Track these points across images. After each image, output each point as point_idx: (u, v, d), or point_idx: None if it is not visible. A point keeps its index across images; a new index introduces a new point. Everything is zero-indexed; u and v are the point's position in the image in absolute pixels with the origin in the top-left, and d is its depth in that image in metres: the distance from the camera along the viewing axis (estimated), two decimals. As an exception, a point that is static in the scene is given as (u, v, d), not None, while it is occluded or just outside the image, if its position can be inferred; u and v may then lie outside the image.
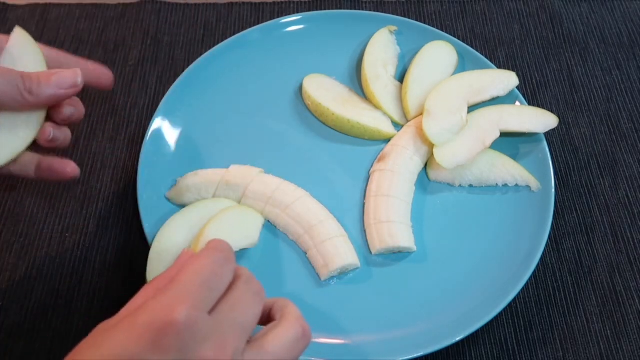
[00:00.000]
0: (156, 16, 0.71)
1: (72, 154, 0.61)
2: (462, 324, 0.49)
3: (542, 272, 0.55)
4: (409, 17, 0.70)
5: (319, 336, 0.49)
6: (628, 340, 0.52)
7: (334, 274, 0.52)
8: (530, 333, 0.52)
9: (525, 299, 0.54)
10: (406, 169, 0.56)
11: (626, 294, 0.54)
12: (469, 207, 0.56)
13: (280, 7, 0.72)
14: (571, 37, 0.71)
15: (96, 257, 0.55)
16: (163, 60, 0.68)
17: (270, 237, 0.54)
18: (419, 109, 0.60)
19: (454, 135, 0.56)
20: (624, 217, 0.58)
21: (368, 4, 0.73)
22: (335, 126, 0.60)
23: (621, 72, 0.68)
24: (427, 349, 0.48)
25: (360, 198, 0.57)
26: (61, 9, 0.72)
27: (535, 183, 0.56)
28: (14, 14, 0.71)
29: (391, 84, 0.62)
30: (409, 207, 0.55)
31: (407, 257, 0.54)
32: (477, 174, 0.57)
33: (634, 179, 0.61)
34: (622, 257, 0.56)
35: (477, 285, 0.52)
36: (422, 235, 0.55)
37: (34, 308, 0.52)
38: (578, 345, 0.51)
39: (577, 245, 0.57)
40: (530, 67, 0.68)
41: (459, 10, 0.73)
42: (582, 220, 0.58)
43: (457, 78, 0.60)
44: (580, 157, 0.62)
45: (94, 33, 0.70)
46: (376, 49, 0.63)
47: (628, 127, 0.64)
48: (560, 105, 0.66)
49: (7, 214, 0.57)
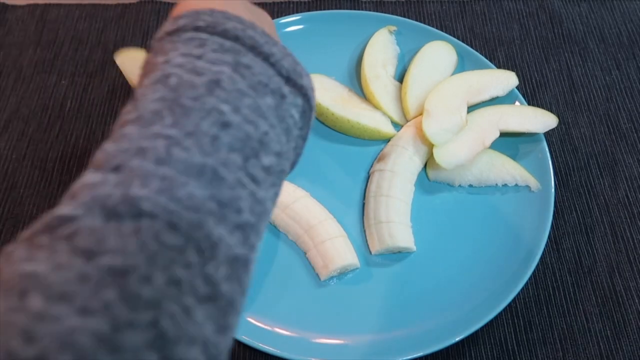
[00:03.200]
0: (155, 16, 0.71)
1: (72, 153, 0.61)
2: (462, 324, 0.49)
3: (541, 272, 0.55)
4: (408, 17, 0.70)
5: (319, 336, 0.49)
6: (628, 340, 0.52)
7: (334, 274, 0.52)
8: (530, 333, 0.52)
9: (525, 299, 0.54)
10: (406, 169, 0.56)
11: (626, 294, 0.54)
12: (469, 207, 0.56)
13: (280, 7, 0.72)
14: (571, 37, 0.71)
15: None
16: (163, 61, 0.68)
17: (270, 237, 0.54)
18: (419, 109, 0.60)
19: (453, 136, 0.57)
20: (624, 217, 0.58)
21: (368, 4, 0.73)
22: (335, 126, 0.60)
23: (621, 72, 0.68)
24: (427, 349, 0.48)
25: (360, 198, 0.57)
26: (60, 9, 0.72)
27: (534, 183, 0.56)
28: (13, 14, 0.71)
29: (391, 84, 0.62)
30: (408, 207, 0.55)
31: (406, 257, 0.54)
32: (477, 174, 0.57)
33: (634, 179, 0.61)
34: (621, 257, 0.56)
35: (477, 285, 0.52)
36: (422, 236, 0.55)
37: (34, 308, 0.52)
38: (578, 345, 0.52)
39: (577, 245, 0.57)
40: (529, 67, 0.68)
41: (459, 10, 0.73)
42: (581, 220, 0.58)
43: (457, 78, 0.60)
44: (580, 157, 0.62)
45: (94, 33, 0.70)
46: (376, 49, 0.63)
47: (627, 126, 0.64)
48: (560, 105, 0.66)
49: (7, 214, 0.57)
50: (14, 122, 0.63)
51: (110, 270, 0.25)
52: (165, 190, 0.28)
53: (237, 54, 0.34)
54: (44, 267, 0.25)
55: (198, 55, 0.33)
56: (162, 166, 0.29)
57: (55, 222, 0.26)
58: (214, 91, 0.32)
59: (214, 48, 0.34)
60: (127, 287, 0.25)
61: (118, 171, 0.28)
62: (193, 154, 0.30)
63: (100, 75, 0.67)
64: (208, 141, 0.30)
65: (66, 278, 0.24)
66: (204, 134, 0.30)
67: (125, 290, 0.25)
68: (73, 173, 0.60)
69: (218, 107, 0.32)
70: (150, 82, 0.33)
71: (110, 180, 0.28)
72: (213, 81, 0.32)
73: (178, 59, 0.33)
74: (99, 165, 0.29)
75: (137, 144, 0.30)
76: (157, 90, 0.32)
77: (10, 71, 0.67)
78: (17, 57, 0.68)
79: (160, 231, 0.27)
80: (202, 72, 0.33)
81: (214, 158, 0.30)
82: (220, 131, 0.31)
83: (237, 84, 0.33)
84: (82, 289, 0.24)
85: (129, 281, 0.25)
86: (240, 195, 0.30)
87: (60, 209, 0.27)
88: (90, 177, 0.29)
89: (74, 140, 0.62)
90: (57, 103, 0.65)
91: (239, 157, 0.31)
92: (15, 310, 0.23)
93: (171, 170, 0.29)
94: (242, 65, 0.34)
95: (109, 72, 0.67)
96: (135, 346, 0.24)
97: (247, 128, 0.32)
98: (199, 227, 0.28)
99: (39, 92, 0.65)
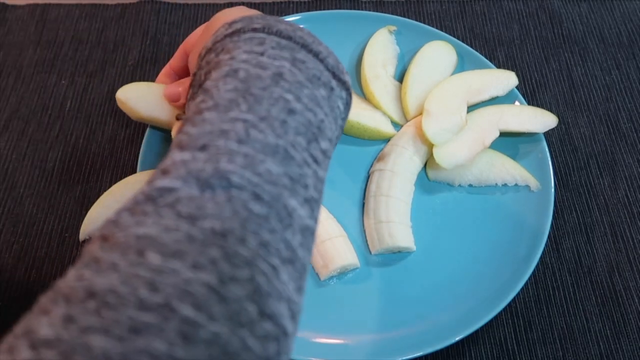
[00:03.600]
0: (155, 16, 0.71)
1: (72, 154, 0.61)
2: (462, 324, 0.49)
3: (541, 271, 0.55)
4: (408, 17, 0.70)
5: (319, 336, 0.49)
6: (628, 340, 0.52)
7: (334, 274, 0.52)
8: (529, 333, 0.52)
9: (525, 299, 0.54)
10: (406, 169, 0.56)
11: (625, 293, 0.54)
12: (469, 207, 0.56)
13: (280, 7, 0.72)
14: (570, 37, 0.71)
15: (96, 257, 0.55)
16: (162, 60, 0.68)
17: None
18: (419, 108, 0.60)
19: (453, 135, 0.57)
20: (624, 216, 0.58)
21: (367, 4, 0.73)
22: (335, 126, 0.60)
23: (620, 72, 0.68)
24: (427, 349, 0.48)
25: (360, 198, 0.57)
26: (60, 9, 0.72)
27: (534, 183, 0.56)
28: (13, 14, 0.71)
29: (390, 84, 0.62)
30: (408, 207, 0.55)
31: (406, 257, 0.54)
32: (477, 173, 0.57)
33: (634, 179, 0.61)
34: (621, 257, 0.56)
35: (477, 285, 0.52)
36: (422, 235, 0.55)
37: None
38: (578, 345, 0.52)
39: (577, 245, 0.57)
40: (529, 67, 0.68)
41: (459, 10, 0.73)
42: (581, 220, 0.58)
43: (457, 78, 0.60)
44: (580, 157, 0.62)
45: (94, 33, 0.70)
46: (375, 49, 0.63)
47: (627, 126, 0.64)
48: (560, 105, 0.66)
49: (7, 214, 0.57)
50: (14, 122, 0.63)
51: (212, 232, 0.29)
52: (248, 166, 0.32)
53: (293, 50, 0.39)
54: (155, 230, 0.28)
55: (260, 52, 0.38)
56: (243, 145, 0.33)
57: (156, 192, 0.30)
58: (278, 82, 0.37)
59: (273, 46, 0.39)
60: (227, 247, 0.29)
61: (205, 150, 0.33)
62: (267, 135, 0.34)
63: (100, 75, 0.67)
64: (278, 125, 0.35)
65: (176, 238, 0.28)
66: (274, 119, 0.35)
67: (226, 249, 0.28)
68: (73, 173, 0.60)
69: (283, 95, 0.36)
70: (220, 76, 0.37)
71: (199, 157, 0.32)
72: (276, 74, 0.37)
73: (242, 55, 0.38)
74: (184, 146, 0.33)
75: (219, 126, 0.34)
76: (228, 82, 0.37)
77: (10, 71, 0.67)
78: (17, 57, 0.68)
79: (247, 200, 0.31)
80: (266, 66, 0.37)
81: (284, 139, 0.34)
82: (287, 116, 0.35)
83: (296, 76, 0.38)
84: (190, 247, 0.28)
85: (229, 242, 0.29)
86: (307, 173, 0.35)
87: (158, 182, 0.31)
88: (178, 155, 0.33)
89: (74, 140, 0.62)
90: (57, 103, 0.65)
91: (303, 139, 0.35)
92: (137, 265, 0.27)
93: (251, 149, 0.33)
94: (298, 60, 0.38)
95: (109, 72, 0.67)
96: (238, 297, 0.27)
97: (308, 115, 0.36)
98: (278, 199, 0.32)
99: (39, 92, 0.65)
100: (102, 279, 0.26)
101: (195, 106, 0.37)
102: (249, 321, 0.27)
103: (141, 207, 0.30)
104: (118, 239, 0.28)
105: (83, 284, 0.26)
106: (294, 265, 0.32)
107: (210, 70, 0.39)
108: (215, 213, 0.30)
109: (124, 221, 0.29)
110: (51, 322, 0.25)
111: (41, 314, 0.25)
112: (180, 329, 0.25)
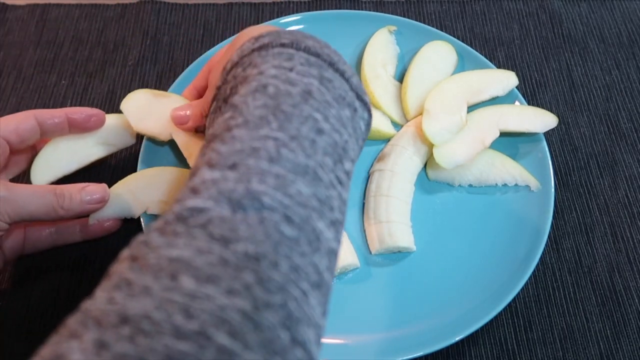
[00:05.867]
0: (155, 16, 0.71)
1: (71, 154, 0.61)
2: (462, 324, 0.49)
3: (541, 271, 0.55)
4: (408, 17, 0.70)
5: (319, 336, 0.49)
6: (628, 340, 0.52)
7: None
8: (530, 333, 0.52)
9: (525, 298, 0.54)
10: (406, 169, 0.56)
11: (625, 293, 0.54)
12: (469, 207, 0.56)
13: (280, 7, 0.72)
14: (571, 37, 0.71)
15: (96, 257, 0.55)
16: (162, 61, 0.68)
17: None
18: (419, 109, 0.60)
19: (453, 135, 0.57)
20: (624, 216, 0.58)
21: (367, 4, 0.73)
22: (335, 126, 0.60)
23: (620, 72, 0.68)
24: (427, 349, 0.48)
25: (360, 198, 0.57)
26: (60, 9, 0.72)
27: (534, 183, 0.56)
28: (13, 14, 0.71)
29: (390, 84, 0.62)
30: (408, 207, 0.55)
31: (406, 257, 0.54)
32: (477, 173, 0.57)
33: (634, 179, 0.61)
34: (621, 257, 0.56)
35: (477, 285, 0.52)
36: (422, 235, 0.55)
37: (34, 308, 0.52)
38: (578, 345, 0.52)
39: (577, 245, 0.57)
40: (529, 67, 0.68)
41: (459, 10, 0.73)
42: (581, 220, 0.58)
43: (457, 78, 0.60)
44: (580, 157, 0.62)
45: (94, 33, 0.70)
46: (375, 49, 0.63)
47: (627, 126, 0.64)
48: (560, 105, 0.66)
49: (6, 214, 0.57)
50: (14, 122, 0.63)
51: (245, 256, 0.28)
52: (279, 187, 0.31)
53: (320, 68, 0.38)
54: (188, 252, 0.28)
55: (289, 67, 0.37)
56: (274, 165, 0.32)
57: (187, 212, 0.30)
58: (307, 100, 0.36)
59: (302, 62, 0.38)
60: (261, 271, 0.28)
61: (235, 169, 0.32)
62: (298, 155, 0.33)
63: (100, 75, 0.67)
64: (308, 144, 0.34)
65: (209, 262, 0.27)
66: (304, 138, 0.34)
67: (260, 274, 0.28)
68: (73, 173, 0.60)
69: (312, 114, 0.35)
70: (249, 91, 0.37)
71: (230, 176, 0.31)
72: (306, 91, 0.36)
73: (271, 70, 0.37)
74: (214, 164, 0.33)
75: (250, 144, 0.33)
76: (257, 98, 0.36)
77: (10, 71, 0.67)
78: (17, 57, 0.68)
79: (279, 222, 0.30)
80: (295, 83, 0.36)
81: (314, 160, 0.34)
82: (316, 136, 0.35)
83: (324, 95, 0.37)
84: (224, 272, 0.27)
85: (262, 266, 0.28)
86: (332, 195, 0.34)
87: (189, 201, 0.30)
88: (208, 173, 0.32)
89: (74, 140, 0.62)
90: (57, 103, 0.65)
91: (330, 160, 0.35)
92: (171, 290, 0.26)
93: (281, 169, 0.32)
94: (326, 79, 0.38)
95: (109, 72, 0.67)
96: (272, 324, 0.27)
97: (334, 136, 0.36)
98: (307, 221, 0.31)
99: (39, 92, 0.65)
100: (136, 304, 0.25)
101: (224, 122, 0.36)
102: (282, 349, 0.27)
103: (172, 227, 0.29)
104: (149, 260, 0.27)
105: (115, 307, 0.25)
106: (320, 289, 0.31)
107: (237, 85, 0.38)
108: (248, 236, 0.29)
109: (154, 241, 0.28)
110: (83, 347, 0.24)
111: (71, 338, 0.24)
112: (217, 358, 0.24)
